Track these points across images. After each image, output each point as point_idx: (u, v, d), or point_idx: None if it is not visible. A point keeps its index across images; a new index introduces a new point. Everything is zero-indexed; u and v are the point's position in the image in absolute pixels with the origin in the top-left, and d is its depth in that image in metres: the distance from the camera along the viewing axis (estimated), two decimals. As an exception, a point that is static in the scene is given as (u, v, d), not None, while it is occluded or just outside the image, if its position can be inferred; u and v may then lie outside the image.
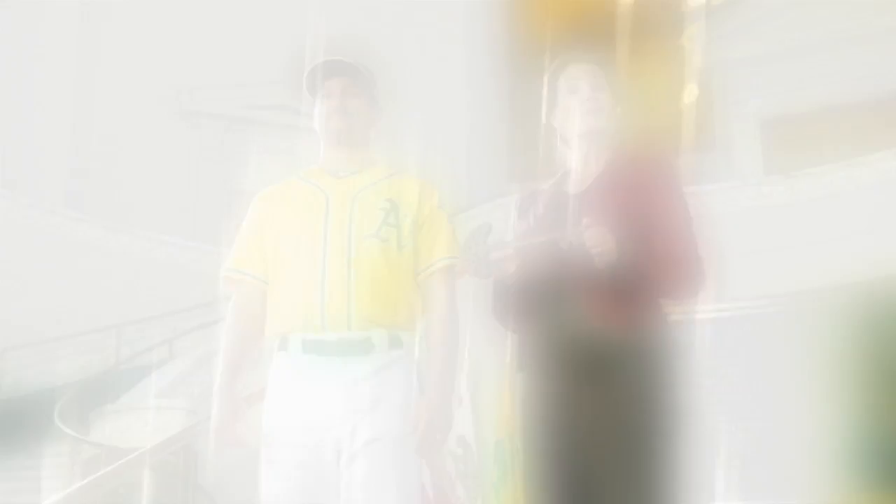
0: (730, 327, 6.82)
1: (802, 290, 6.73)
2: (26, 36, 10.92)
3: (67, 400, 6.26)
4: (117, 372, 7.79)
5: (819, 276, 6.71)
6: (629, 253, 2.16)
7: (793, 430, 6.52)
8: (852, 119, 11.28)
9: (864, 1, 11.33)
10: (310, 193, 2.50)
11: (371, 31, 12.30)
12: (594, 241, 2.12)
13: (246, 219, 2.57)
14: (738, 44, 11.87)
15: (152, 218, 10.76)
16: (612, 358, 2.19)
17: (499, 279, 2.33)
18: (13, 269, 8.93)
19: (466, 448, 6.85)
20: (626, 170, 2.34)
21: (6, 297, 8.71)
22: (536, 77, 2.55)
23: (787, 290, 6.77)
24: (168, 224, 10.82)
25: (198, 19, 11.83)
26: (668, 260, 2.22)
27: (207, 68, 11.68)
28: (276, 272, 2.46)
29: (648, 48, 13.30)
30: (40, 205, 9.34)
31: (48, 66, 10.89)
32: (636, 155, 2.40)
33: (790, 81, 11.56)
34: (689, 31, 12.63)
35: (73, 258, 9.30)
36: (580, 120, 2.39)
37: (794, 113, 11.45)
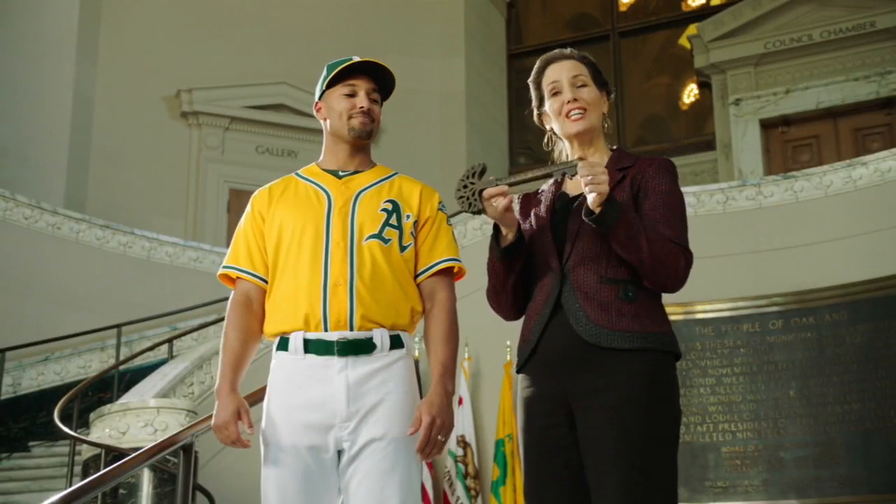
0: (730, 327, 6.82)
1: (802, 290, 6.73)
2: (26, 36, 10.92)
3: (67, 400, 6.25)
4: (117, 372, 7.78)
5: (819, 276, 6.71)
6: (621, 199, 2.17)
7: (793, 429, 6.52)
8: (852, 119, 11.29)
9: (864, 1, 11.34)
10: (311, 192, 2.50)
11: (370, 31, 12.32)
12: (588, 173, 2.12)
13: (244, 216, 2.56)
14: (738, 44, 11.88)
15: (152, 218, 10.76)
16: (611, 357, 2.20)
17: (493, 269, 2.36)
18: (13, 268, 8.93)
19: (466, 448, 6.87)
20: (624, 170, 2.34)
21: (6, 296, 8.71)
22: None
23: (788, 290, 6.77)
24: (168, 224, 10.82)
25: (198, 19, 11.83)
26: (659, 239, 2.22)
27: (207, 68, 11.68)
28: (277, 271, 2.45)
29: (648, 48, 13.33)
30: (40, 205, 9.33)
31: (48, 66, 10.88)
32: (634, 155, 2.41)
33: (790, 81, 11.57)
34: (689, 31, 12.65)
35: (73, 258, 9.30)
36: (564, 124, 2.39)
37: (794, 113, 11.46)
